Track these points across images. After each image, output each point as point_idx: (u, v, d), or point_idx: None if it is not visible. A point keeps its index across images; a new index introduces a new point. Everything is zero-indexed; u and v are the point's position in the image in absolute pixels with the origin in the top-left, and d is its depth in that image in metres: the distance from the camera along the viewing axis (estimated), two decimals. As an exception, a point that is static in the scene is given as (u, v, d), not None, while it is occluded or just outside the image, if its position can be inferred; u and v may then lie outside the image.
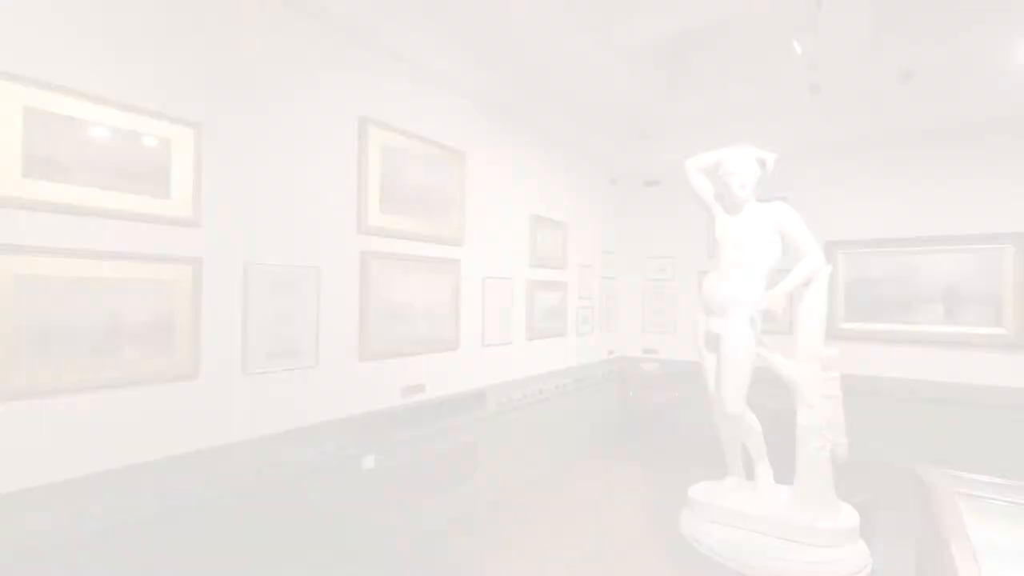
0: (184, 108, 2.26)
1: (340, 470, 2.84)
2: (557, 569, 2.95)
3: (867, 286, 5.00)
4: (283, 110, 2.66)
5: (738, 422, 2.53)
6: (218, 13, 2.40)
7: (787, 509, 2.38)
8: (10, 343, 1.79)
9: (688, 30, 4.73)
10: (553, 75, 4.36)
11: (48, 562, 1.83)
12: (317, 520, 2.74)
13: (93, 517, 1.93)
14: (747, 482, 2.70)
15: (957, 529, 1.77)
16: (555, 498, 3.99)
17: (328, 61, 2.88)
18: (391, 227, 3.23)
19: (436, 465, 3.49)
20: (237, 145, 2.47)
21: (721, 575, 2.28)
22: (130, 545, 2.04)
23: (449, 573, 2.90)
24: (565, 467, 4.74)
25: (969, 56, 4.08)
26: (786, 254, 2.58)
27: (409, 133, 3.34)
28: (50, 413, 1.89)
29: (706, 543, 2.37)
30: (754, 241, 2.51)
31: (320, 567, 2.74)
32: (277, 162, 2.64)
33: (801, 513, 2.32)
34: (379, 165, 3.14)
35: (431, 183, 3.52)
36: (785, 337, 2.83)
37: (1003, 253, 4.42)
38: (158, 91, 2.18)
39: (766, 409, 2.97)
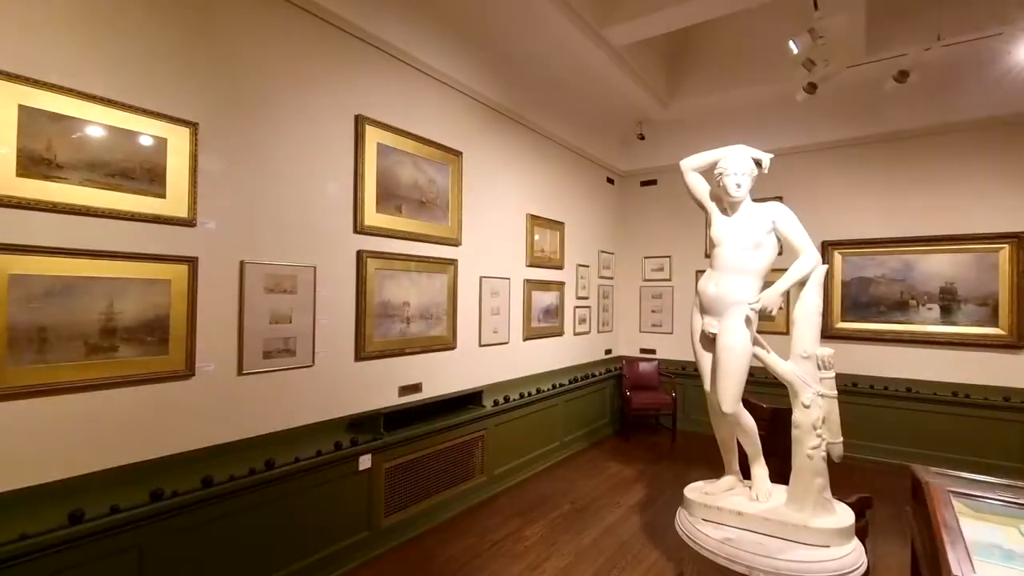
0: (180, 107, 2.25)
1: (336, 470, 2.84)
2: (555, 568, 2.96)
3: (863, 286, 5.01)
4: (279, 109, 2.66)
5: (734, 421, 2.53)
6: (214, 12, 2.39)
7: (782, 508, 2.38)
8: (4, 342, 1.79)
9: (685, 31, 4.74)
10: (550, 75, 4.37)
11: (42, 563, 1.82)
12: (313, 520, 2.74)
13: (88, 518, 1.93)
14: (743, 481, 2.70)
15: (951, 528, 1.78)
16: (552, 497, 3.99)
17: (324, 60, 2.88)
18: (388, 226, 3.23)
19: (433, 465, 3.49)
20: (233, 144, 2.46)
21: (719, 574, 2.29)
22: (125, 546, 2.03)
23: (447, 572, 2.90)
24: (562, 466, 4.74)
25: (965, 57, 4.10)
26: (783, 253, 2.58)
27: (406, 132, 3.34)
28: (44, 413, 1.89)
29: (703, 542, 2.37)
30: (750, 240, 2.51)
31: (316, 567, 2.73)
32: (273, 161, 2.64)
33: (796, 512, 2.32)
34: (375, 164, 3.14)
35: (428, 182, 3.52)
36: (782, 337, 2.83)
37: (1000, 253, 4.44)
38: (154, 90, 2.17)
39: (763, 408, 2.98)
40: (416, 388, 3.44)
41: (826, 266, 2.52)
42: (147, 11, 2.16)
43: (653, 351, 6.23)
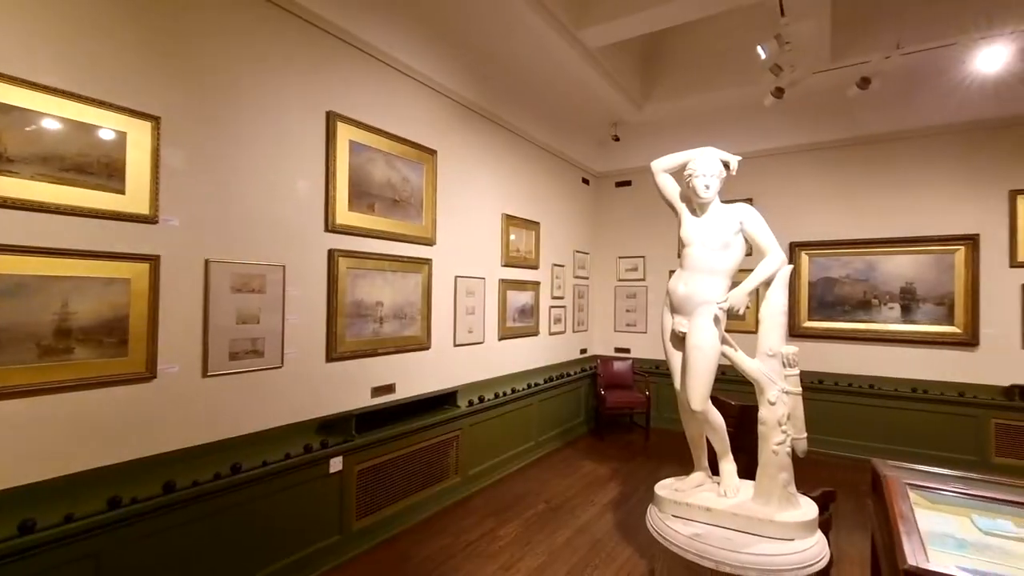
0: (141, 100, 2.18)
1: (306, 473, 2.78)
2: (529, 568, 2.96)
3: (829, 286, 5.16)
4: (247, 104, 2.60)
5: (703, 419, 2.57)
6: (178, 5, 2.32)
7: (749, 503, 2.43)
8: (-52, 344, 1.70)
9: (659, 35, 4.81)
10: (526, 76, 4.38)
11: (-10, 574, 1.75)
12: (282, 525, 2.68)
13: (40, 527, 1.85)
14: (712, 477, 2.75)
15: (907, 518, 1.84)
16: (527, 497, 4.00)
17: (294, 54, 2.82)
18: (360, 225, 3.18)
19: (406, 466, 3.45)
20: (198, 139, 2.39)
21: (688, 569, 2.32)
22: (80, 555, 1.96)
23: (421, 573, 2.88)
24: (537, 466, 4.75)
25: (924, 65, 4.25)
26: (751, 254, 2.64)
27: (379, 130, 3.30)
28: (-7, 417, 1.80)
29: (672, 538, 2.41)
30: (718, 241, 2.56)
31: (285, 572, 2.68)
32: (241, 157, 2.57)
33: (762, 507, 2.38)
34: (347, 162, 3.09)
35: (401, 181, 3.49)
36: (751, 335, 2.89)
37: (956, 254, 4.62)
38: (113, 82, 2.10)
39: (731, 405, 3.04)
40: (389, 389, 3.41)
41: (791, 266, 2.58)
42: (104, 2, 2.08)
43: (627, 350, 6.30)
